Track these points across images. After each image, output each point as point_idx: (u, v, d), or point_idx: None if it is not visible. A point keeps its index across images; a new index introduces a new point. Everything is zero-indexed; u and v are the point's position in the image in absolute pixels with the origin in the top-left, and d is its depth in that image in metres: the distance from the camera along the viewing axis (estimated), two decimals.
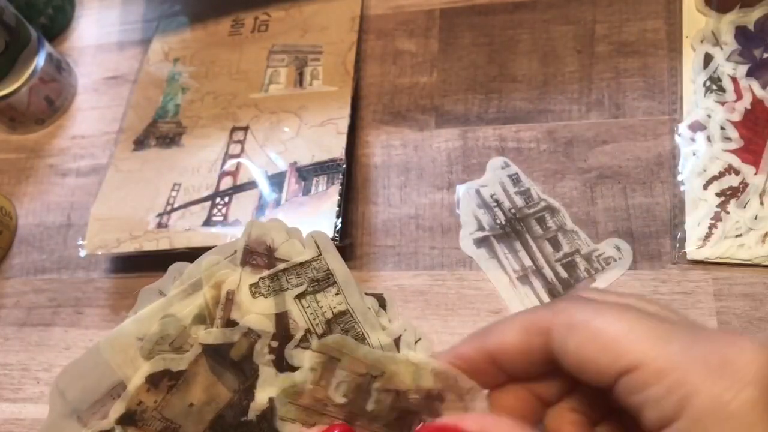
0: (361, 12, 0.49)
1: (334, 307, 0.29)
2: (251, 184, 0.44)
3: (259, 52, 0.50)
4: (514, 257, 0.39)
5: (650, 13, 0.44)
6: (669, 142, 0.40)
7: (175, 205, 0.44)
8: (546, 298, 0.38)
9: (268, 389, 0.28)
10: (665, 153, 0.40)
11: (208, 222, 0.43)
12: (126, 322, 0.29)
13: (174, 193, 0.45)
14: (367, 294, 0.31)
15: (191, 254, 0.41)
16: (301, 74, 0.48)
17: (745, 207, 0.37)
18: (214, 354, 0.29)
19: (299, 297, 0.29)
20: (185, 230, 0.43)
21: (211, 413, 0.28)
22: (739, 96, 0.39)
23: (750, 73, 0.40)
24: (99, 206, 0.46)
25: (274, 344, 0.29)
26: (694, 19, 0.42)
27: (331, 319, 0.29)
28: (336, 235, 0.40)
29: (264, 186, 0.43)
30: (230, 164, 0.45)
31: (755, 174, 0.37)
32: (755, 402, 0.19)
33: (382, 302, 0.31)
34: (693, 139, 0.39)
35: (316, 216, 0.41)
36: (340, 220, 0.40)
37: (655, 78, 0.42)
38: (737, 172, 0.38)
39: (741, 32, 0.41)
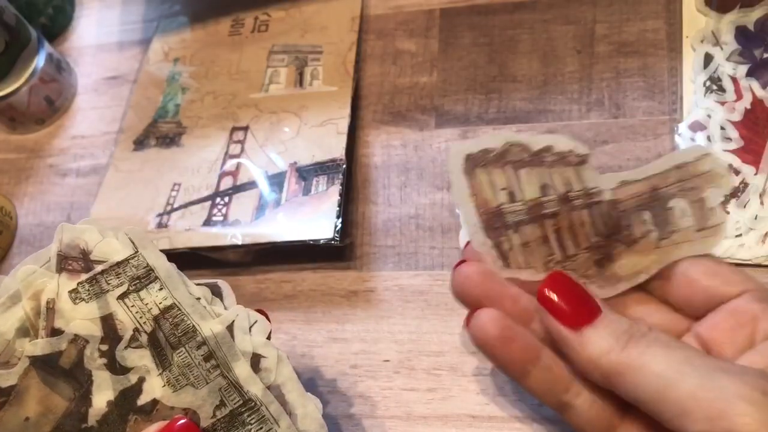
0: (361, 12, 0.49)
1: (160, 303, 0.29)
2: (251, 184, 0.44)
3: (259, 52, 0.50)
4: None
5: (650, 13, 0.44)
6: (669, 142, 0.40)
7: (175, 205, 0.44)
8: None
9: (104, 393, 0.28)
10: (665, 153, 0.40)
11: (208, 222, 0.43)
12: None
13: (174, 193, 0.45)
14: (199, 284, 0.30)
15: (191, 254, 0.41)
16: (301, 74, 0.48)
17: (745, 207, 0.37)
18: (44, 365, 0.28)
19: (122, 297, 0.29)
20: (185, 230, 0.43)
21: (49, 424, 0.28)
22: (739, 96, 0.39)
23: (750, 73, 0.40)
24: (99, 206, 0.46)
25: (104, 347, 0.28)
26: (694, 19, 0.42)
27: (158, 315, 0.29)
28: (336, 235, 0.40)
29: (264, 186, 0.43)
30: (230, 164, 0.45)
31: (755, 174, 0.37)
32: None
33: (216, 291, 0.31)
34: (693, 139, 0.39)
35: (316, 216, 0.41)
36: (340, 220, 0.40)
37: (655, 78, 0.42)
38: (737, 172, 0.38)
39: (741, 32, 0.41)
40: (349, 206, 0.43)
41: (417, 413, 0.36)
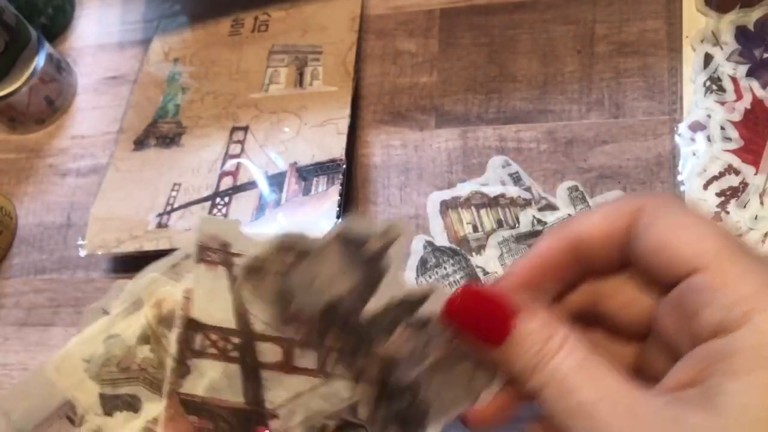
0: (361, 12, 0.49)
1: None
2: (251, 184, 0.44)
3: (259, 52, 0.50)
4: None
5: (650, 13, 0.44)
6: (669, 142, 0.40)
7: (175, 205, 0.44)
8: None
9: (390, 290, 0.27)
10: (665, 153, 0.40)
11: None
12: (71, 344, 0.29)
13: (174, 193, 0.45)
14: None
15: None
16: (301, 74, 0.48)
17: (745, 207, 0.37)
18: (348, 244, 0.27)
19: None
20: (185, 230, 0.43)
21: (327, 299, 0.27)
22: (739, 96, 0.39)
23: (750, 73, 0.40)
24: (99, 206, 0.46)
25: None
26: (694, 19, 0.42)
27: None
28: None
29: (264, 186, 0.43)
30: (230, 164, 0.45)
31: (755, 174, 0.37)
32: None
33: None
34: (693, 139, 0.39)
35: (317, 216, 0.41)
36: (340, 220, 0.40)
37: (655, 78, 0.42)
38: (737, 172, 0.38)
39: (741, 32, 0.41)
40: (349, 206, 0.43)
41: None
